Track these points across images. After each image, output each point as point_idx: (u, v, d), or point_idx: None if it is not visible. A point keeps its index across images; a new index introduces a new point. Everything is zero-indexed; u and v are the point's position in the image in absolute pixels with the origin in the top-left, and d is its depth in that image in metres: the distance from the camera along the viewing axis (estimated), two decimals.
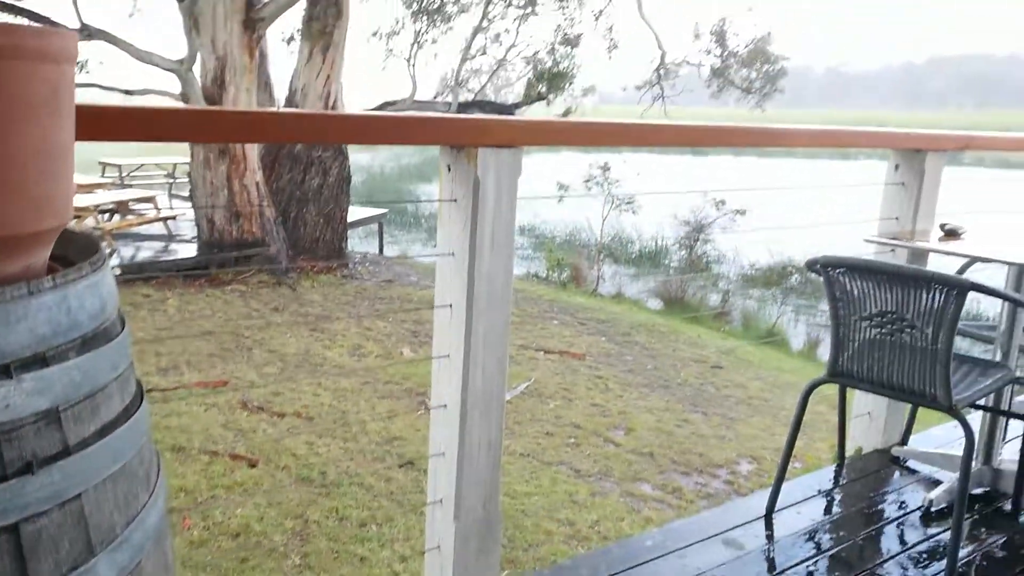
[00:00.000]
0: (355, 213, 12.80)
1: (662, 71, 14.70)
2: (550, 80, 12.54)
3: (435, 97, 14.01)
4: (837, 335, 2.34)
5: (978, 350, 3.07)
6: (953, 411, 2.21)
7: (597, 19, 13.69)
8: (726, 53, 15.15)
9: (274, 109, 9.54)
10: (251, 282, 8.76)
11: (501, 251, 1.82)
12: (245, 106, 9.03)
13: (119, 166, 12.95)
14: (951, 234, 2.60)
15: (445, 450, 1.92)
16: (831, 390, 2.59)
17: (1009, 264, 2.46)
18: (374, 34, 13.03)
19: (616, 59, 14.40)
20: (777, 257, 15.65)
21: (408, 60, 12.75)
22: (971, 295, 2.12)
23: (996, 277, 2.71)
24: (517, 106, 13.23)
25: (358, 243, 14.52)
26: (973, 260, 2.65)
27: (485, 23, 13.23)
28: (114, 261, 8.64)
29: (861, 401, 3.06)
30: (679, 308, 12.43)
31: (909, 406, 3.01)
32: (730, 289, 14.14)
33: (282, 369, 6.19)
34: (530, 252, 16.75)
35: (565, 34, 12.95)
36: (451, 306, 1.85)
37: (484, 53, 13.98)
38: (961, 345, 4.05)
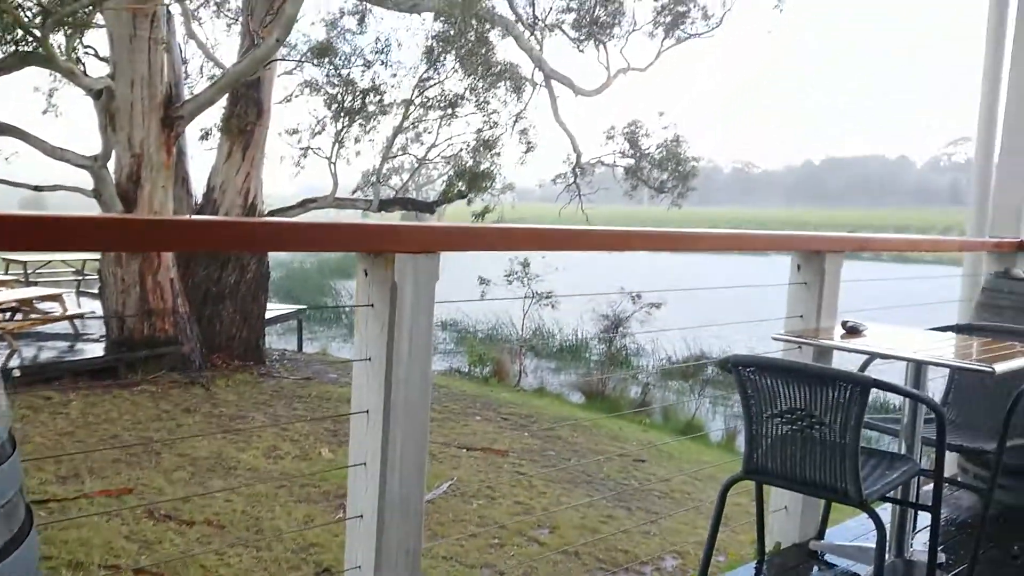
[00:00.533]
0: (274, 309, 12.60)
1: (578, 171, 15.18)
2: (470, 180, 12.79)
3: (356, 192, 14.09)
4: (751, 432, 2.39)
5: (888, 440, 3.17)
6: (864, 505, 2.26)
7: (515, 121, 14.14)
8: (639, 154, 15.76)
9: (187, 217, 9.44)
10: (162, 382, 8.44)
11: (419, 356, 1.81)
12: (161, 204, 8.90)
13: (24, 263, 12.50)
14: (852, 331, 2.72)
15: (361, 563, 1.85)
16: (751, 483, 2.62)
17: (907, 360, 2.57)
18: (295, 132, 13.12)
19: (534, 158, 14.84)
20: (694, 349, 16.02)
21: (329, 158, 12.85)
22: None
23: (898, 371, 2.83)
24: (438, 203, 13.41)
25: (276, 340, 14.24)
26: (873, 356, 2.77)
27: (406, 123, 13.50)
28: (14, 362, 8.23)
29: (777, 496, 3.10)
30: (600, 402, 12.51)
31: (824, 499, 3.07)
32: (649, 382, 14.34)
33: (192, 474, 5.91)
34: (452, 347, 16.70)
35: (484, 135, 13.31)
36: (368, 412, 1.82)
37: (405, 152, 14.22)
38: (871, 436, 4.18)
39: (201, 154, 11.32)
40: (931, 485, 2.54)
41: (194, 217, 9.21)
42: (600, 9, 14.70)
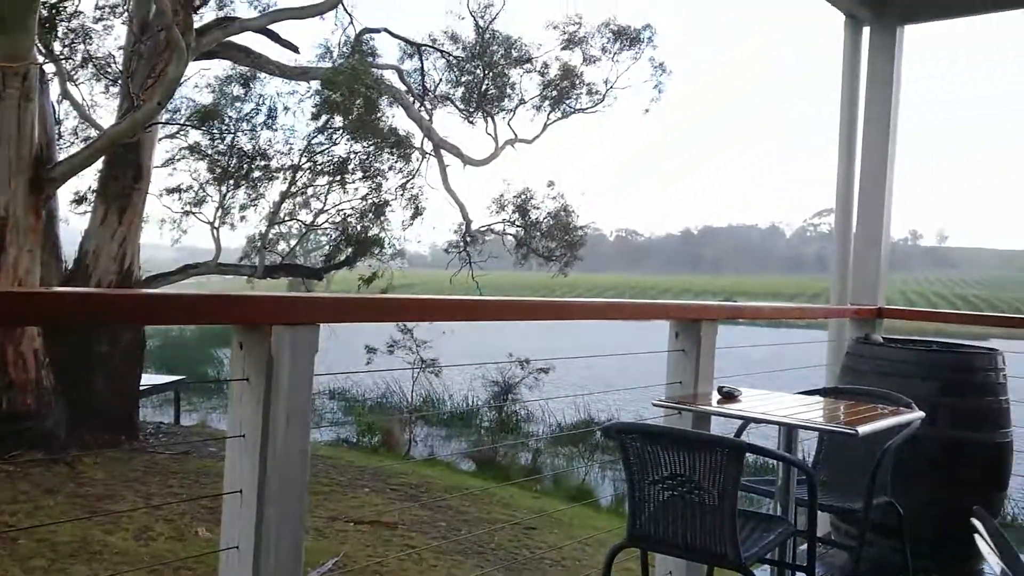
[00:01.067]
0: (150, 380, 11.99)
1: (468, 238, 15.35)
2: (358, 246, 12.72)
3: (242, 259, 13.75)
4: (634, 499, 2.42)
5: (767, 501, 3.27)
6: (743, 568, 2.31)
7: (404, 188, 14.23)
8: (528, 223, 16.10)
9: (45, 289, 8.97)
10: (20, 461, 7.84)
11: (296, 433, 1.76)
12: (27, 270, 8.40)
13: None
14: (728, 396, 2.82)
15: None
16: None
17: (779, 424, 2.68)
18: (177, 195, 12.76)
19: (425, 225, 14.93)
20: (583, 414, 16.19)
21: (212, 223, 12.53)
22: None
23: (773, 433, 2.94)
24: (326, 270, 13.23)
25: (152, 413, 13.53)
26: (748, 421, 2.88)
27: (294, 189, 13.36)
28: None
29: (662, 562, 3.13)
30: (491, 469, 12.41)
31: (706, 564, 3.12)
32: (540, 448, 14.35)
33: (52, 560, 5.47)
34: (340, 416, 16.29)
35: (373, 201, 13.31)
36: (241, 492, 1.74)
37: (293, 218, 14.03)
38: (752, 498, 4.29)
39: (76, 218, 10.83)
40: (806, 545, 2.63)
41: (62, 289, 8.75)
42: (488, 83, 15.14)
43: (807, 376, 4.79)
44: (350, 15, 13.56)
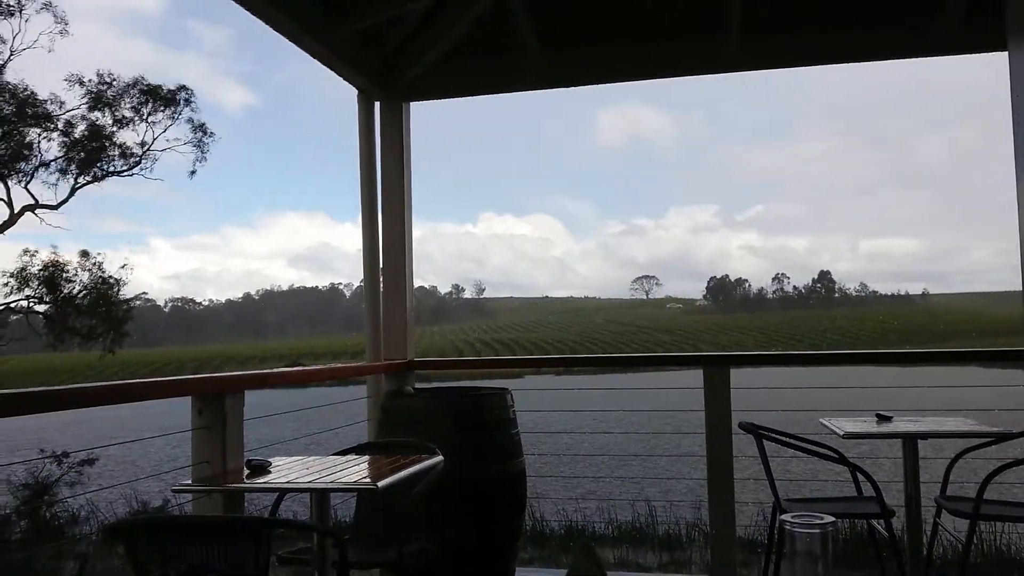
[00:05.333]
0: None
1: None
2: None
3: None
4: None
5: None
6: None
7: None
8: (60, 299, 14.34)
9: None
10: None
11: None
12: None
13: None
14: (258, 470, 2.72)
15: None
16: None
17: (311, 491, 2.65)
18: None
19: None
20: (136, 504, 14.66)
21: None
22: None
23: None
24: None
25: None
26: (284, 492, 2.83)
27: None
28: None
29: None
30: None
31: None
32: (88, 552, 12.61)
33: None
34: None
35: None
36: None
37: None
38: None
39: None
40: None
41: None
42: None
43: (358, 431, 4.91)
44: None
